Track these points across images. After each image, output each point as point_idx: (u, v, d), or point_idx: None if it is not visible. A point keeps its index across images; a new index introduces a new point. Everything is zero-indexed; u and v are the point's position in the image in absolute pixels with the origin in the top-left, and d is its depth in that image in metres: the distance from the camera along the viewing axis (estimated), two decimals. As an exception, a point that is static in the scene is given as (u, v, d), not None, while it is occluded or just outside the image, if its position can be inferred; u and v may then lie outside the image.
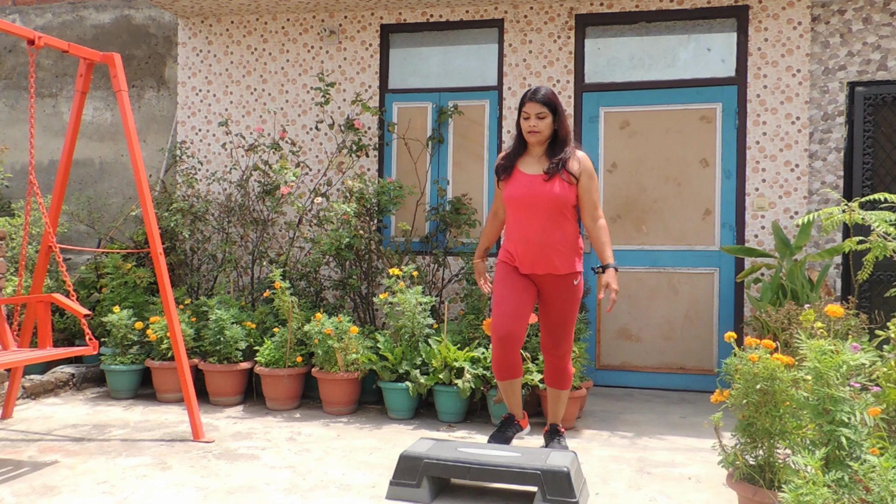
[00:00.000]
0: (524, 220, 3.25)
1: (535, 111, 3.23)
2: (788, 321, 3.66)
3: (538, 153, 3.32)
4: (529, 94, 3.26)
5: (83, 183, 6.52)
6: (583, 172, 3.26)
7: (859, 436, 1.95)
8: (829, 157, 5.01)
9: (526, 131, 3.26)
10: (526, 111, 3.26)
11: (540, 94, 3.23)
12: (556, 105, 3.24)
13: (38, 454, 3.40)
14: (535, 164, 3.29)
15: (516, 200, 3.26)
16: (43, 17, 6.66)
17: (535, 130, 3.24)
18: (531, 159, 3.32)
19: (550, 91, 3.25)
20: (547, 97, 3.23)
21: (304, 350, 4.51)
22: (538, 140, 3.27)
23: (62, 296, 3.50)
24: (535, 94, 3.24)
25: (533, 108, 3.23)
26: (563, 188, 3.21)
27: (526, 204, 3.23)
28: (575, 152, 3.29)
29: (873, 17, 4.96)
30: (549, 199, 3.20)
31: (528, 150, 3.34)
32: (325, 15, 5.69)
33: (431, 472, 2.85)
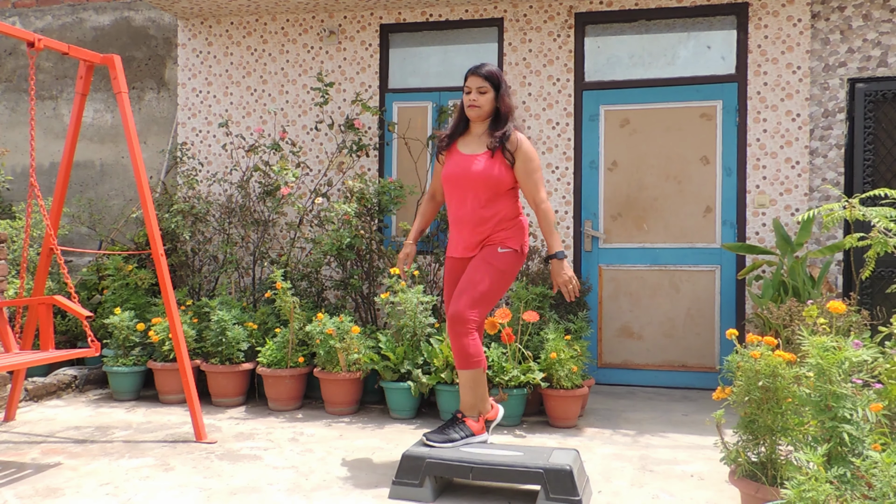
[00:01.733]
0: (457, 199, 3.15)
1: (477, 85, 3.11)
2: (790, 318, 3.66)
3: (479, 131, 3.19)
4: (473, 68, 3.15)
5: (84, 185, 6.52)
6: (518, 153, 3.10)
7: (861, 432, 1.95)
8: (829, 154, 5.01)
9: (466, 106, 3.15)
10: (467, 85, 3.14)
11: (483, 68, 3.12)
12: (499, 81, 3.12)
13: (41, 456, 3.40)
14: (473, 143, 3.18)
15: (450, 180, 3.16)
16: (43, 19, 6.66)
17: (474, 105, 3.11)
18: (471, 138, 3.20)
19: (496, 67, 3.16)
20: (490, 72, 3.12)
21: (305, 350, 4.51)
22: (478, 115, 3.14)
23: (64, 298, 3.50)
24: (478, 69, 3.13)
25: (474, 81, 3.12)
26: (499, 169, 3.08)
27: (459, 184, 3.12)
28: (514, 133, 3.14)
29: (873, 13, 4.96)
30: (482, 179, 3.07)
31: (469, 129, 3.22)
32: (325, 15, 5.69)
33: (434, 472, 2.85)
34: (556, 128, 5.31)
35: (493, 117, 3.18)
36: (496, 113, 3.17)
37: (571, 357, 4.03)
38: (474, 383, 3.07)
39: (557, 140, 5.31)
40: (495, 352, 4.08)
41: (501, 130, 3.12)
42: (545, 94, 5.33)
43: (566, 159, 5.30)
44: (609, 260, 5.27)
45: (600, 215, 5.28)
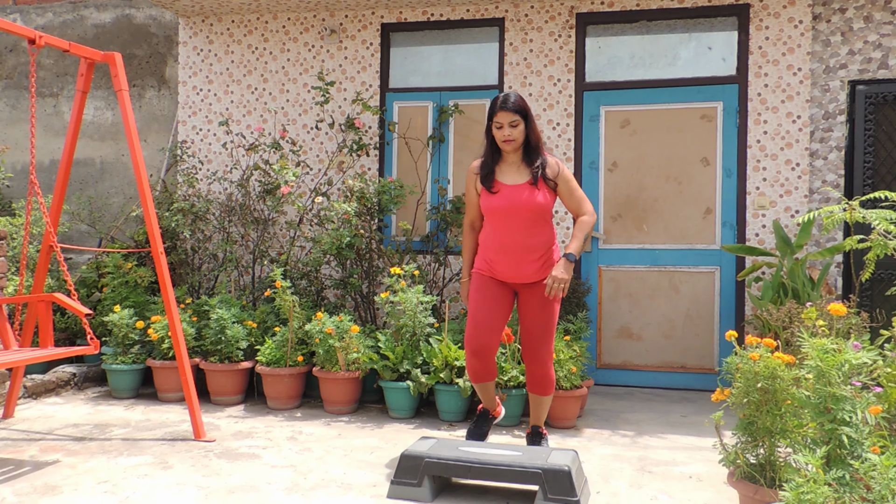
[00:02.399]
0: (504, 229, 3.21)
1: (508, 120, 3.16)
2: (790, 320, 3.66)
3: (514, 161, 3.27)
4: (500, 102, 3.17)
5: (84, 182, 6.52)
6: (559, 178, 3.24)
7: (860, 434, 1.95)
8: (829, 156, 5.01)
9: (501, 140, 3.20)
10: (498, 120, 3.18)
11: (511, 101, 3.16)
12: (527, 111, 3.19)
13: (40, 453, 3.40)
14: (513, 173, 3.25)
15: (498, 211, 3.21)
16: (44, 16, 6.66)
17: (509, 139, 3.18)
18: (508, 168, 3.27)
19: (520, 97, 3.19)
20: (518, 104, 3.17)
21: (305, 349, 4.51)
22: (514, 148, 3.21)
23: (63, 295, 3.50)
24: (506, 103, 3.16)
25: (506, 116, 3.16)
26: (543, 196, 3.19)
27: (508, 213, 3.19)
28: (547, 158, 3.27)
29: (874, 15, 4.96)
30: (530, 208, 3.17)
31: (504, 159, 3.28)
32: (326, 14, 5.69)
33: (432, 471, 2.85)
34: (556, 128, 5.31)
35: (524, 146, 3.25)
36: (526, 140, 3.24)
37: (570, 358, 4.03)
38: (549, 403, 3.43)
39: (558, 140, 5.31)
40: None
41: (538, 160, 3.22)
42: (546, 95, 5.33)
43: (566, 160, 5.29)
44: (609, 261, 5.27)
45: (600, 216, 5.28)
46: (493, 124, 3.22)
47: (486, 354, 3.24)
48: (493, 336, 3.25)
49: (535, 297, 3.26)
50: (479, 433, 3.44)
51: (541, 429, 3.44)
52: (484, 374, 3.30)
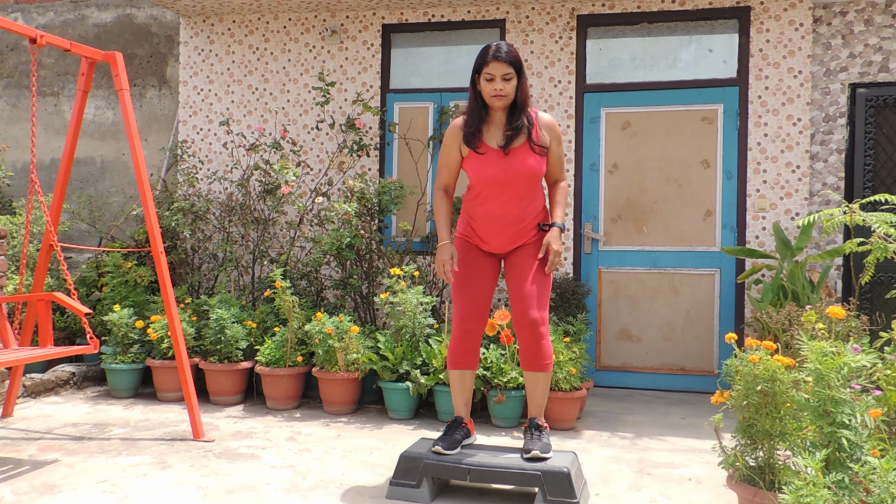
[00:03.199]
0: (496, 197, 2.94)
1: (502, 72, 2.85)
2: (789, 322, 3.66)
3: (500, 120, 2.97)
4: (493, 51, 2.85)
5: (84, 182, 6.52)
6: (552, 140, 2.99)
7: (860, 437, 1.95)
8: (830, 159, 5.01)
9: (490, 94, 2.88)
10: (489, 72, 2.85)
11: (504, 51, 2.85)
12: (521, 64, 2.89)
13: (39, 453, 3.40)
14: (499, 134, 2.95)
15: (489, 179, 2.92)
16: (45, 15, 6.66)
17: (501, 94, 2.87)
18: (494, 128, 2.97)
19: (513, 47, 2.92)
20: (512, 55, 2.86)
21: (304, 350, 4.51)
22: (503, 105, 2.91)
23: (63, 294, 3.50)
24: (499, 52, 2.85)
25: (499, 68, 2.84)
26: (536, 160, 2.92)
27: (500, 181, 2.91)
28: (539, 117, 2.99)
29: (875, 18, 4.96)
30: (524, 174, 2.90)
31: (490, 117, 2.97)
32: (327, 14, 5.69)
33: (431, 473, 2.85)
34: (557, 130, 5.31)
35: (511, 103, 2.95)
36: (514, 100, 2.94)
37: (570, 359, 4.03)
38: (547, 385, 3.03)
39: (558, 142, 5.30)
40: (494, 353, 4.08)
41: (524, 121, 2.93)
42: (546, 96, 5.33)
43: (567, 161, 5.29)
44: (609, 262, 5.27)
45: (600, 218, 5.28)
46: (482, 76, 2.89)
47: (475, 327, 3.00)
48: (483, 308, 3.01)
49: (525, 257, 3.00)
50: (453, 440, 2.96)
51: (539, 420, 3.00)
52: (467, 353, 3.01)
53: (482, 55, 2.90)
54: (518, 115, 2.94)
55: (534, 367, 2.99)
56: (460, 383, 3.07)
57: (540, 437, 2.94)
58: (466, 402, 3.09)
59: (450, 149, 3.03)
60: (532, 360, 2.98)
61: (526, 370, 3.01)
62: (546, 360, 2.98)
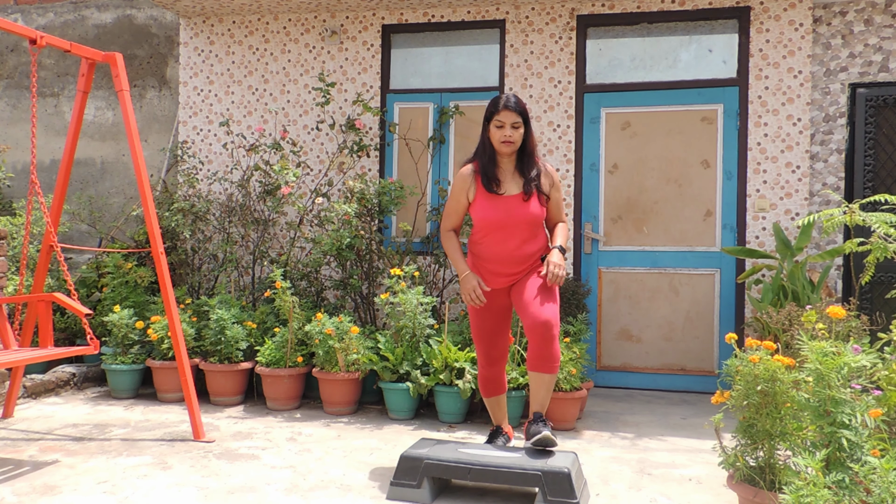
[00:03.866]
0: (500, 241, 3.14)
1: (511, 120, 3.07)
2: (790, 322, 3.66)
3: (508, 167, 3.17)
4: (503, 102, 3.08)
5: (84, 182, 6.52)
6: (553, 188, 3.21)
7: (860, 437, 1.95)
8: (830, 159, 5.01)
9: (499, 141, 3.09)
10: (500, 119, 3.08)
11: (513, 101, 3.08)
12: (528, 115, 3.12)
13: (39, 453, 3.40)
14: (507, 181, 3.15)
15: (493, 223, 3.11)
16: (45, 16, 6.66)
17: (509, 141, 3.08)
18: (502, 175, 3.17)
19: (521, 100, 3.12)
20: (520, 105, 3.09)
21: (304, 350, 4.51)
22: (511, 151, 3.12)
23: (63, 295, 3.50)
24: (508, 101, 3.07)
25: (509, 116, 3.07)
26: (538, 207, 3.13)
27: (504, 226, 3.11)
28: (544, 166, 3.21)
29: (875, 18, 4.96)
30: (527, 220, 3.11)
31: (498, 164, 3.17)
32: (327, 15, 5.69)
33: (432, 473, 2.85)
34: (556, 130, 5.31)
35: (519, 151, 3.17)
36: (522, 146, 3.15)
37: (570, 359, 4.03)
38: (552, 384, 3.11)
39: (558, 142, 5.31)
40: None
41: (534, 170, 3.16)
42: (546, 97, 5.33)
43: (567, 161, 5.30)
44: (609, 262, 5.27)
45: (600, 218, 5.28)
46: (492, 124, 3.11)
47: (500, 360, 3.30)
48: (502, 344, 3.29)
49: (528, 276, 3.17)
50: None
51: (544, 415, 3.08)
52: (496, 384, 3.34)
53: (493, 104, 3.12)
54: (529, 164, 3.16)
55: (542, 369, 3.06)
56: (496, 405, 3.41)
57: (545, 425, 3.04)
58: (504, 415, 3.43)
59: (458, 196, 3.22)
60: (541, 361, 3.05)
61: (533, 370, 3.07)
62: (555, 363, 3.07)
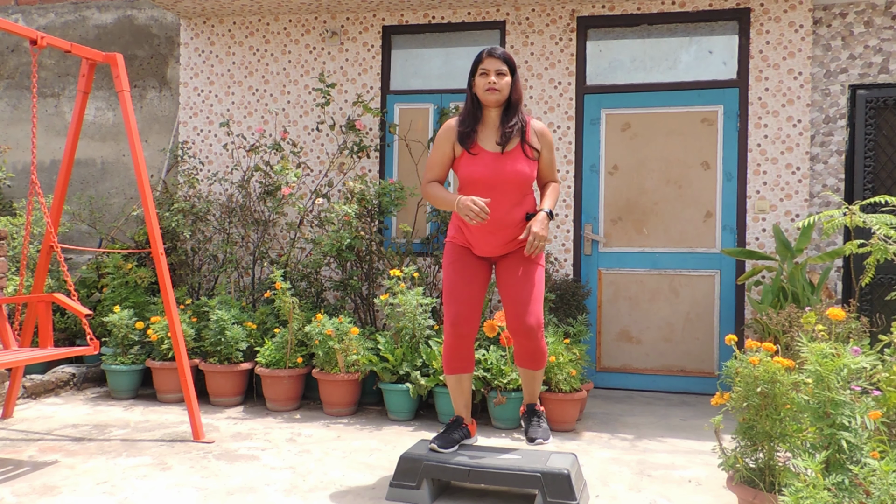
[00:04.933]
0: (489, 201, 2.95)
1: (496, 67, 2.95)
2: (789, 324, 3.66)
3: (494, 120, 3.02)
4: (487, 50, 2.99)
5: (85, 183, 6.52)
6: (544, 147, 3.06)
7: (860, 439, 1.95)
8: (830, 160, 5.01)
9: (484, 89, 2.95)
10: (484, 67, 2.96)
11: (498, 50, 2.99)
12: (514, 64, 3.00)
13: (39, 454, 3.40)
14: (493, 136, 3.01)
15: (480, 182, 2.96)
16: (45, 16, 6.66)
17: (494, 88, 2.93)
18: (487, 130, 3.02)
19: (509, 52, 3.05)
20: (506, 54, 2.99)
21: (304, 351, 4.51)
22: (497, 100, 2.96)
23: (63, 296, 3.50)
24: (493, 51, 2.98)
25: (493, 63, 2.95)
26: (528, 165, 2.97)
27: (491, 184, 2.95)
28: (532, 123, 3.06)
29: (875, 20, 4.96)
30: (515, 178, 2.95)
31: (483, 117, 3.03)
32: (327, 16, 5.70)
33: (431, 475, 2.85)
34: (556, 131, 5.31)
35: (505, 105, 3.03)
36: (508, 100, 3.02)
37: (570, 361, 4.03)
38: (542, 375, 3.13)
39: (558, 143, 5.31)
40: (494, 355, 4.08)
41: (518, 122, 2.99)
42: (546, 98, 5.33)
43: (567, 163, 5.30)
44: (609, 264, 5.27)
45: (600, 219, 5.28)
46: (477, 73, 2.99)
47: (467, 330, 3.01)
48: (475, 309, 3.03)
49: (517, 261, 3.04)
50: (450, 439, 3.01)
51: (536, 405, 3.14)
52: (462, 358, 3.04)
53: (478, 56, 3.03)
54: (512, 115, 3.00)
55: (529, 366, 3.08)
56: (458, 386, 3.10)
57: (539, 422, 3.07)
58: (466, 403, 3.13)
59: (443, 147, 3.05)
60: (528, 360, 3.05)
61: (521, 367, 3.10)
62: (542, 359, 3.06)
